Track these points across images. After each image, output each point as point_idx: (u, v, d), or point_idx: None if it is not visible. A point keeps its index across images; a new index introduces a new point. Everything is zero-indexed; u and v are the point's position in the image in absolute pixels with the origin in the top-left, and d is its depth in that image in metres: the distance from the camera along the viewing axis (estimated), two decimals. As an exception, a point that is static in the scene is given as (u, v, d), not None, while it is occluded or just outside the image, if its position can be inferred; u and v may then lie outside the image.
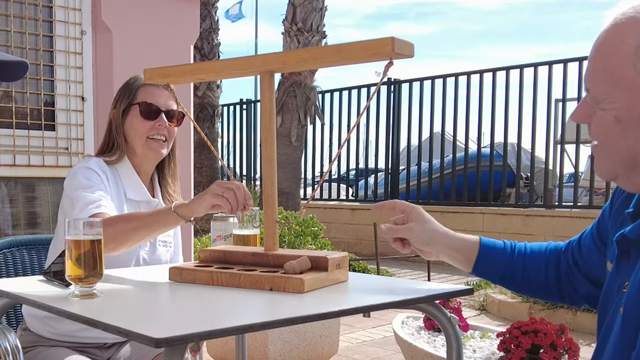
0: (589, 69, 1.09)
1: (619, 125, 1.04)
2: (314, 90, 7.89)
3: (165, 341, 0.97)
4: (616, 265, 1.14)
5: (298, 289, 1.34)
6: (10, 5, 3.22)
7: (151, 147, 1.89)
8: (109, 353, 1.87)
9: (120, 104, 1.91)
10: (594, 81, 1.07)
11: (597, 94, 1.07)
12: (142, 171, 1.93)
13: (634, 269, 1.07)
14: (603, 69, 1.05)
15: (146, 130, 1.88)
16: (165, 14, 3.69)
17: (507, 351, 2.51)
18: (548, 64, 7.10)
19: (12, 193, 3.33)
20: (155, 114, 1.88)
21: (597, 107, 1.07)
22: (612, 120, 1.05)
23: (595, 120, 1.08)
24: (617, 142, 1.06)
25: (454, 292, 1.47)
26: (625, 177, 1.09)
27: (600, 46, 1.07)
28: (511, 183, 7.96)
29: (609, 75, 1.04)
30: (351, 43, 1.41)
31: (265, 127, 1.57)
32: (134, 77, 1.95)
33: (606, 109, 1.05)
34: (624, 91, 1.03)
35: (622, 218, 1.19)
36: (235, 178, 1.82)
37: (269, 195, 1.57)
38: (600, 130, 1.08)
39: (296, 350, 3.35)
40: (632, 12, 1.03)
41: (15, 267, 2.03)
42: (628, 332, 1.03)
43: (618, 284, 1.12)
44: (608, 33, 1.06)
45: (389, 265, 7.15)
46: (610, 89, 1.04)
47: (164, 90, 1.91)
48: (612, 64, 1.04)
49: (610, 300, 1.15)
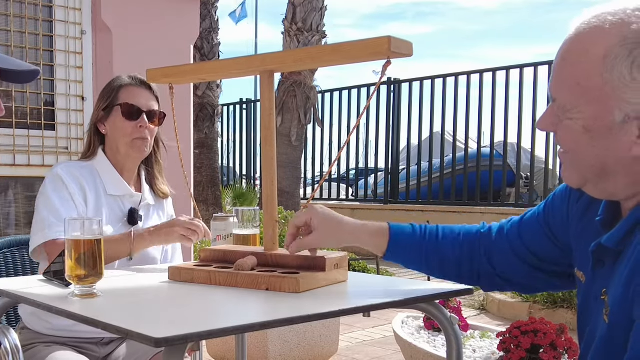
0: (555, 79, 1.08)
1: (587, 135, 1.04)
2: (314, 90, 7.88)
3: (165, 341, 0.97)
4: (592, 273, 1.14)
5: (294, 288, 1.35)
6: (10, 5, 3.22)
7: (135, 147, 1.93)
8: (106, 350, 1.88)
9: (103, 103, 1.96)
10: (561, 90, 1.07)
11: (563, 103, 1.06)
12: (126, 168, 1.97)
13: (611, 276, 1.07)
14: (570, 78, 1.05)
15: (129, 132, 1.92)
16: (165, 14, 3.69)
17: (507, 351, 2.51)
18: (548, 63, 7.09)
19: (12, 193, 3.33)
20: (136, 115, 1.92)
21: (564, 117, 1.07)
22: (580, 129, 1.05)
23: (562, 129, 1.08)
24: (585, 150, 1.06)
25: (454, 292, 1.47)
26: (593, 185, 1.10)
27: (565, 55, 1.06)
28: (511, 183, 7.96)
29: (575, 84, 1.04)
30: (348, 42, 1.41)
31: (265, 127, 1.57)
32: (115, 78, 1.99)
33: (574, 119, 1.05)
34: (591, 100, 1.03)
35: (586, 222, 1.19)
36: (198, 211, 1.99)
37: (269, 195, 1.58)
38: (568, 139, 1.08)
39: (296, 350, 3.35)
40: (596, 22, 1.03)
41: (15, 267, 2.04)
42: (616, 339, 1.03)
43: (594, 293, 1.13)
44: (573, 42, 1.06)
45: (389, 265, 7.15)
46: (577, 99, 1.04)
47: (145, 90, 1.96)
48: (578, 74, 1.04)
49: (589, 310, 1.15)
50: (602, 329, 1.06)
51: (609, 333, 1.04)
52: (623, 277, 1.02)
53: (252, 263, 1.48)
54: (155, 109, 1.97)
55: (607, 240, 1.08)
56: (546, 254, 1.31)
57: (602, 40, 1.01)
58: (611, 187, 1.08)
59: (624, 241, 1.06)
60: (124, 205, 1.94)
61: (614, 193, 1.09)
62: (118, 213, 1.92)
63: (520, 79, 7.33)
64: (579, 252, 1.21)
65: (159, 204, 2.06)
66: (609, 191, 1.09)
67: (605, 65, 1.01)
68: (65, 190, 1.83)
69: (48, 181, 1.86)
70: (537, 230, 1.32)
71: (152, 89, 1.97)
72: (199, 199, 7.99)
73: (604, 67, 1.01)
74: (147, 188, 2.03)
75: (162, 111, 1.98)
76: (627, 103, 1.00)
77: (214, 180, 8.55)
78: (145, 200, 1.99)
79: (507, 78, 7.42)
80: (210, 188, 8.26)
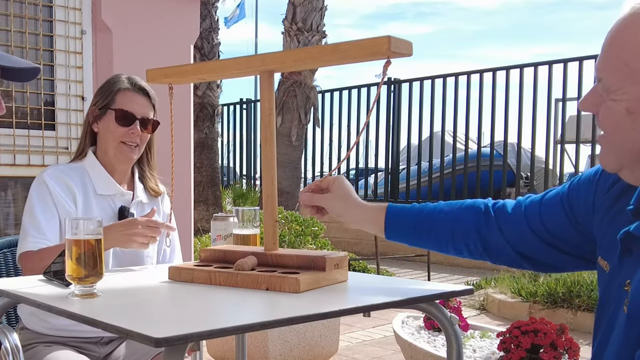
0: (603, 58, 1.06)
1: (630, 117, 1.03)
2: (314, 90, 7.89)
3: (165, 341, 0.97)
4: (618, 262, 1.12)
5: (294, 288, 1.35)
6: (10, 4, 3.22)
7: (122, 151, 1.94)
8: (106, 349, 1.88)
9: (99, 103, 1.96)
10: (608, 70, 1.05)
11: (609, 84, 1.05)
12: (116, 169, 1.97)
13: (637, 267, 1.06)
14: (618, 58, 1.03)
15: (119, 136, 1.92)
16: (165, 13, 3.69)
17: (507, 351, 2.51)
18: (548, 63, 7.10)
19: (12, 193, 3.33)
20: (130, 121, 1.92)
21: (608, 98, 1.05)
22: (623, 111, 1.03)
23: (604, 110, 1.06)
24: (626, 133, 1.04)
25: (454, 292, 1.47)
26: (629, 170, 1.08)
27: (616, 35, 1.05)
28: (511, 183, 7.96)
29: (623, 65, 1.02)
30: (348, 42, 1.41)
31: (265, 127, 1.57)
32: (115, 77, 1.99)
33: (617, 100, 1.04)
34: (638, 82, 1.01)
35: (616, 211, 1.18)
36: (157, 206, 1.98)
37: (269, 195, 1.58)
38: (609, 120, 1.06)
39: (296, 350, 3.35)
40: None
41: (15, 267, 2.04)
42: (633, 331, 1.02)
43: (619, 282, 1.11)
44: (625, 22, 1.04)
45: (389, 265, 7.16)
46: (624, 79, 1.02)
47: (142, 97, 1.96)
48: (627, 54, 1.02)
49: (610, 298, 1.14)
50: (622, 318, 1.06)
51: (628, 324, 1.04)
52: None
53: (252, 263, 1.48)
54: (150, 117, 1.97)
55: (635, 228, 1.07)
56: (565, 235, 1.29)
57: None
58: None
59: None
60: (115, 204, 1.95)
61: None
62: (109, 212, 1.93)
63: (520, 79, 7.33)
64: (605, 240, 1.20)
65: (152, 202, 2.06)
66: None
67: None
68: (49, 197, 1.85)
69: (33, 188, 1.88)
70: (558, 212, 1.30)
71: (150, 96, 1.97)
72: (199, 199, 7.99)
73: None
74: (141, 187, 2.04)
75: (157, 120, 1.99)
76: None
77: (214, 180, 8.56)
78: (137, 198, 2.00)
79: (507, 78, 7.42)
80: (210, 188, 8.26)
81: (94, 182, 1.93)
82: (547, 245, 1.32)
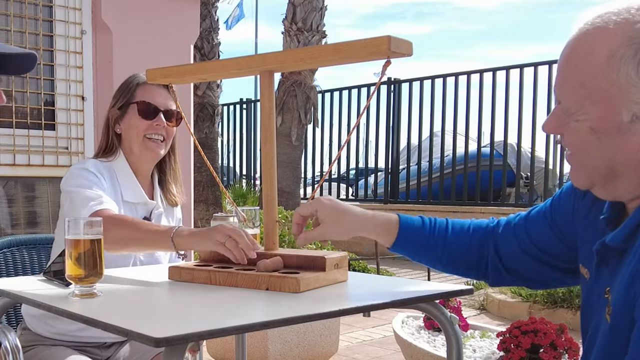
0: (560, 80, 1.08)
1: (594, 136, 1.04)
2: (314, 90, 7.88)
3: (165, 341, 0.97)
4: (596, 271, 1.14)
5: (294, 288, 1.35)
6: (10, 4, 3.22)
7: (148, 147, 1.87)
8: (108, 352, 1.87)
9: (119, 102, 1.90)
10: (566, 92, 1.06)
11: (568, 105, 1.06)
12: (140, 172, 1.91)
13: (615, 275, 1.07)
14: (574, 79, 1.04)
15: (144, 129, 1.86)
16: (165, 13, 3.69)
17: (507, 351, 2.51)
18: (548, 63, 7.09)
19: (12, 193, 3.33)
20: (153, 114, 1.87)
21: (570, 119, 1.06)
22: (587, 130, 1.04)
23: (568, 131, 1.08)
24: (592, 152, 1.05)
25: (454, 291, 1.47)
26: (601, 186, 1.09)
27: (569, 57, 1.06)
28: (511, 183, 7.96)
29: (580, 86, 1.03)
30: (348, 42, 1.41)
31: (265, 127, 1.57)
32: (133, 76, 1.94)
33: (580, 120, 1.05)
34: (597, 102, 1.02)
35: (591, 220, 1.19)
36: (239, 211, 1.71)
37: (269, 195, 1.58)
38: (574, 141, 1.08)
39: (296, 350, 3.35)
40: (600, 22, 1.02)
41: (15, 266, 2.04)
42: (616, 339, 1.02)
43: (598, 290, 1.12)
44: (577, 43, 1.05)
45: (389, 265, 7.16)
46: (582, 100, 1.04)
47: (162, 89, 1.89)
48: (583, 75, 1.03)
49: (592, 307, 1.15)
50: (605, 327, 1.06)
51: (611, 332, 1.04)
52: (625, 277, 1.02)
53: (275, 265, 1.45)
54: (173, 109, 1.90)
55: (611, 239, 1.08)
56: (552, 249, 1.31)
57: (607, 41, 1.01)
58: (619, 188, 1.07)
59: (628, 240, 1.05)
60: (137, 214, 1.88)
61: (621, 195, 1.09)
62: None
63: (520, 79, 7.33)
64: (583, 249, 1.21)
65: (168, 211, 2.00)
66: (616, 192, 1.09)
67: (610, 65, 1.00)
68: (94, 177, 1.76)
69: (76, 172, 1.76)
70: (543, 226, 1.32)
71: (173, 90, 1.89)
72: (199, 199, 7.98)
73: (609, 67, 1.00)
74: (159, 193, 1.97)
75: (180, 111, 1.90)
76: (635, 103, 1.00)
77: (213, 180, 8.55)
78: (158, 209, 1.94)
79: (507, 78, 7.42)
80: (210, 188, 8.25)
81: (122, 188, 1.86)
82: (536, 261, 1.33)
